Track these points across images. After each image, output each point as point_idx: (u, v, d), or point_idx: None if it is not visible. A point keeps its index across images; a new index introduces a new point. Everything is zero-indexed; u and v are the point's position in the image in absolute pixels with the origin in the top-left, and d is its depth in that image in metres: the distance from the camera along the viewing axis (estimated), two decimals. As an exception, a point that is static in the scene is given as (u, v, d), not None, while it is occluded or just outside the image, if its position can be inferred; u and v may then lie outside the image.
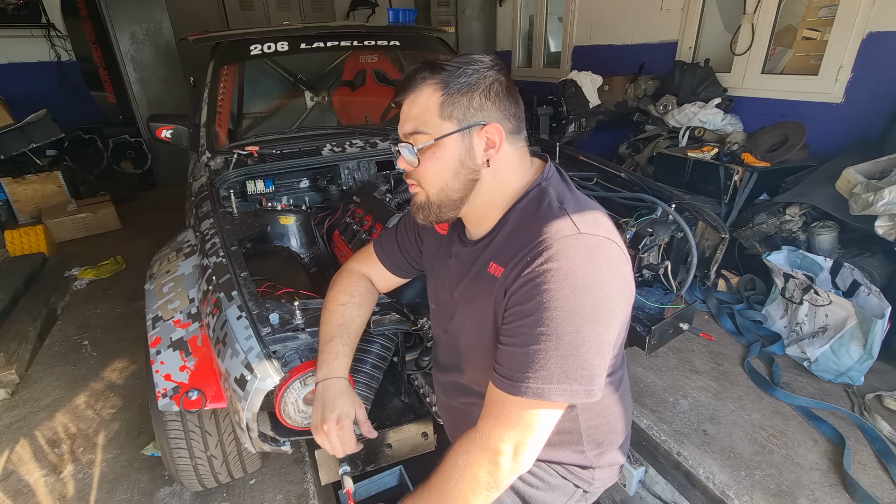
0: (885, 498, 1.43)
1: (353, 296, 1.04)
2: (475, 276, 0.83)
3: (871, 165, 2.09)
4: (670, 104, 3.17)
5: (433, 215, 0.84)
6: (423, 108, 0.78)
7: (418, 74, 0.79)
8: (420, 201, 0.84)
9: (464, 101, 0.76)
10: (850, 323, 1.88)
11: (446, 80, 0.76)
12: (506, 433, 0.72)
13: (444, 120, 0.77)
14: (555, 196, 0.78)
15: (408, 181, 0.85)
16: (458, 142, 0.78)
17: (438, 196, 0.81)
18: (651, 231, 1.53)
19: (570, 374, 0.68)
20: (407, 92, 0.79)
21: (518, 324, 0.72)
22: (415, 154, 0.79)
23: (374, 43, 2.43)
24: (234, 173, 1.82)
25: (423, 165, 0.80)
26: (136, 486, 1.64)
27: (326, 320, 1.01)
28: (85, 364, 2.29)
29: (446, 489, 0.74)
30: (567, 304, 0.67)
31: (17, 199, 3.87)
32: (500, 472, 0.72)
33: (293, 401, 1.01)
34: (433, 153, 0.78)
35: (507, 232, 0.80)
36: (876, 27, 2.38)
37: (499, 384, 0.73)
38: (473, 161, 0.79)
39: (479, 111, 0.77)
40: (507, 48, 5.45)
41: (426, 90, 0.77)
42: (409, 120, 0.79)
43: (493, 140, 0.78)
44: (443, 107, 0.76)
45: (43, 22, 4.36)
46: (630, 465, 1.66)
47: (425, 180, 0.81)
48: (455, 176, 0.79)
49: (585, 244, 0.70)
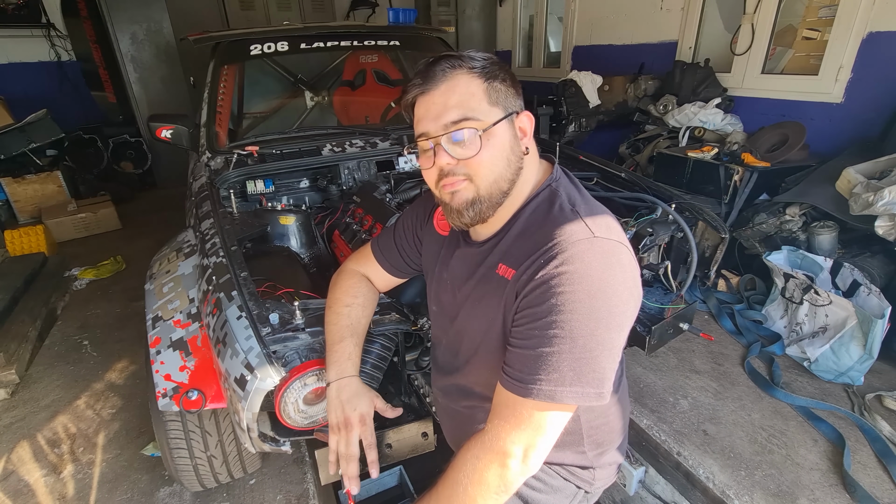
0: (885, 498, 1.43)
1: (356, 297, 1.04)
2: (482, 277, 0.81)
3: (871, 165, 2.09)
4: (670, 104, 3.17)
5: (484, 212, 0.78)
6: (466, 96, 0.74)
7: (439, 65, 0.75)
8: (468, 198, 0.77)
9: (502, 88, 0.76)
10: (850, 323, 1.88)
11: (480, 67, 0.75)
12: (516, 435, 0.71)
13: (493, 106, 0.75)
14: (566, 198, 0.78)
15: (448, 181, 0.77)
16: (507, 128, 0.76)
17: (490, 189, 0.76)
18: (651, 231, 1.53)
19: (582, 376, 0.68)
20: (435, 82, 0.75)
21: (530, 326, 0.71)
22: (478, 138, 0.74)
23: (374, 43, 2.44)
24: (234, 173, 1.82)
25: (480, 154, 0.74)
26: (136, 486, 1.64)
27: (333, 321, 1.00)
28: (85, 364, 2.29)
29: (455, 495, 0.73)
30: (582, 307, 0.67)
31: (17, 199, 3.87)
32: (510, 474, 0.71)
33: (293, 401, 1.01)
34: (487, 140, 0.74)
35: (516, 233, 0.79)
36: (876, 27, 2.38)
37: (509, 386, 0.72)
38: (519, 147, 0.78)
39: (514, 99, 0.78)
40: (507, 48, 5.45)
41: (462, 78, 0.74)
42: (450, 108, 0.74)
43: (525, 128, 0.78)
44: (488, 93, 0.74)
45: (43, 22, 4.37)
46: (630, 465, 1.66)
47: (479, 171, 0.75)
48: (508, 165, 0.76)
49: (600, 248, 0.70)
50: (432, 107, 0.75)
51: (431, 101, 0.75)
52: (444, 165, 0.76)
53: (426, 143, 0.77)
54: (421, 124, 0.77)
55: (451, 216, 0.81)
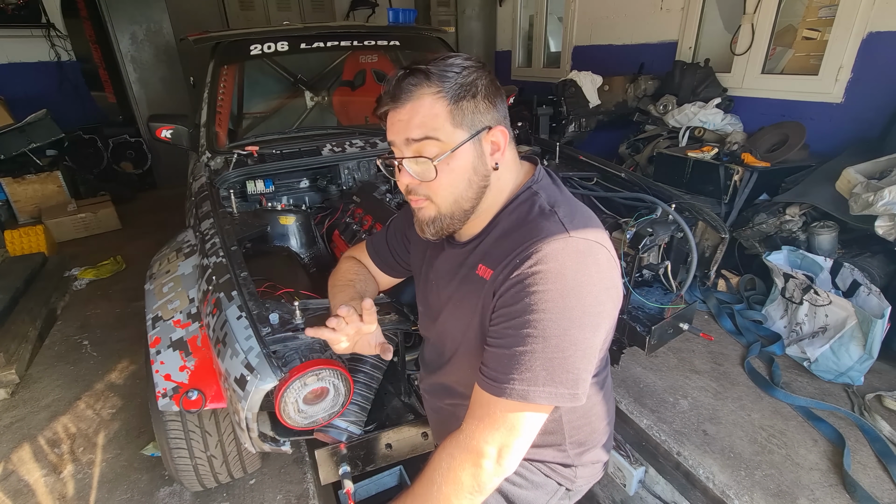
0: (885, 498, 1.43)
1: (358, 274, 1.06)
2: (463, 277, 0.82)
3: (871, 165, 2.09)
4: (670, 104, 3.17)
5: (445, 228, 0.80)
6: (429, 116, 0.73)
7: (407, 81, 0.73)
8: (430, 216, 0.79)
9: (470, 107, 0.74)
10: (850, 323, 1.88)
11: (448, 88, 0.72)
12: (490, 435, 0.71)
13: (456, 128, 0.73)
14: (545, 199, 0.78)
15: (411, 198, 0.79)
16: (471, 149, 0.75)
17: (451, 208, 0.78)
18: (651, 231, 1.53)
19: (555, 376, 0.68)
20: (401, 101, 0.73)
21: (505, 325, 0.71)
22: (433, 167, 0.74)
23: (374, 43, 2.43)
24: (234, 173, 1.82)
25: (438, 179, 0.75)
26: (136, 486, 1.64)
27: (340, 289, 1.01)
28: (85, 364, 2.29)
29: (429, 493, 0.73)
30: (555, 306, 0.67)
31: (17, 199, 3.87)
32: (484, 474, 0.71)
33: (293, 401, 1.01)
34: (447, 165, 0.74)
35: (496, 234, 0.79)
36: (876, 27, 2.38)
37: (484, 385, 0.72)
38: (485, 167, 0.77)
39: (485, 114, 0.75)
40: (507, 48, 5.45)
41: (427, 100, 0.72)
42: (414, 127, 0.73)
43: (499, 143, 0.77)
44: (453, 115, 0.73)
45: (43, 22, 4.36)
46: (630, 465, 1.66)
47: (438, 194, 0.76)
48: (469, 185, 0.76)
49: (575, 248, 0.70)
50: (397, 123, 0.76)
51: (397, 118, 0.75)
52: (406, 184, 0.79)
53: (393, 159, 0.79)
54: (389, 134, 0.78)
55: (418, 227, 0.84)
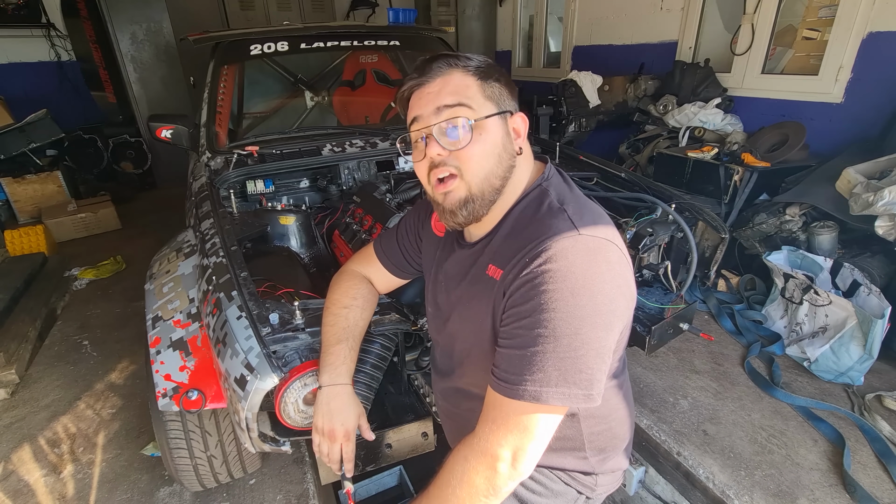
0: (885, 498, 1.43)
1: (355, 298, 1.03)
2: (474, 278, 0.81)
3: (871, 165, 2.09)
4: (670, 104, 3.17)
5: (477, 211, 0.77)
6: (461, 86, 0.74)
7: (437, 63, 0.76)
8: (461, 197, 0.76)
9: (496, 87, 0.76)
10: (850, 323, 1.88)
11: (474, 67, 0.75)
12: (504, 438, 0.69)
13: (487, 100, 0.75)
14: (555, 197, 0.77)
15: (441, 174, 0.76)
16: (500, 124, 0.76)
17: (481, 185, 0.75)
18: (651, 231, 1.53)
19: (568, 377, 0.67)
20: (431, 76, 0.75)
21: (516, 325, 0.70)
22: (469, 129, 0.73)
23: (374, 43, 2.44)
24: (234, 173, 1.82)
25: (470, 148, 0.74)
26: (136, 486, 1.64)
27: (330, 322, 1.00)
28: (85, 364, 2.29)
29: (444, 497, 0.72)
30: (565, 305, 0.66)
31: (17, 199, 3.87)
32: (499, 478, 0.70)
33: (293, 401, 1.01)
34: (479, 134, 0.74)
35: (505, 233, 0.78)
36: (876, 27, 2.38)
37: (496, 387, 0.71)
38: (512, 146, 0.78)
39: (508, 99, 0.78)
40: (507, 48, 5.45)
41: (457, 73, 0.75)
42: (446, 94, 0.74)
43: (519, 130, 0.79)
44: (482, 88, 0.75)
45: (43, 22, 4.37)
46: (630, 466, 1.66)
47: (469, 165, 0.75)
48: (499, 161, 0.76)
49: (585, 245, 0.69)
50: (426, 96, 0.76)
51: (426, 92, 0.76)
52: (434, 156, 0.76)
53: (418, 133, 0.77)
54: (413, 110, 0.78)
55: (445, 217, 0.81)
